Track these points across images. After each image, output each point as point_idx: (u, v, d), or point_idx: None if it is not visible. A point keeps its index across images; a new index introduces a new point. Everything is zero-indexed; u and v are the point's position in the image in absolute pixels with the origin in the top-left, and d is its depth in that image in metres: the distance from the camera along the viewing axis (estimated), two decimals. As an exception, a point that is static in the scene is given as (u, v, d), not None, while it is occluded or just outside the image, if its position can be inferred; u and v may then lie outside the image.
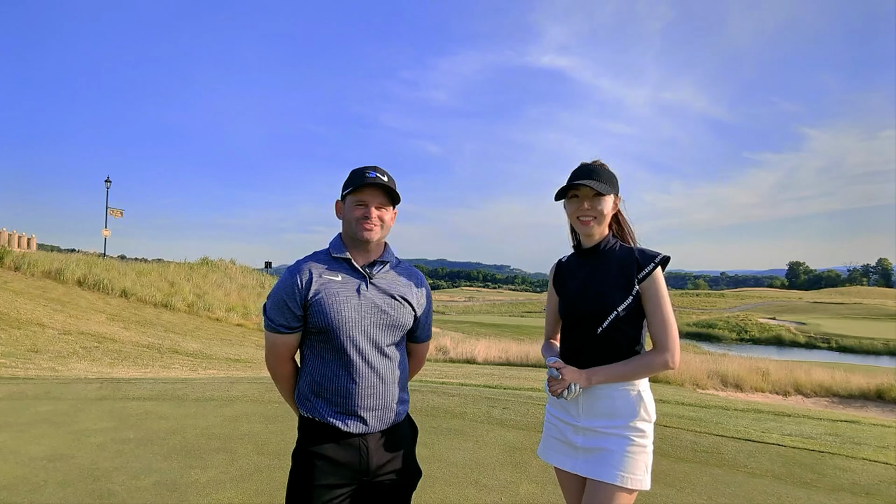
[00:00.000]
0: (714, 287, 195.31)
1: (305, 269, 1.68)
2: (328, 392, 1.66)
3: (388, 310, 1.70)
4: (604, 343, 1.74)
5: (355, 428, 1.65)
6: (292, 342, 1.71)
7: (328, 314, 1.63)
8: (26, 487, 3.28)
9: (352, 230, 1.70)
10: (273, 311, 1.68)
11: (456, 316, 63.84)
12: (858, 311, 66.08)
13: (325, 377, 1.67)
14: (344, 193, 1.73)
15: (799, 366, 18.87)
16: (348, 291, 1.67)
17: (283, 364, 1.74)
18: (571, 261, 1.93)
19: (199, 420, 4.81)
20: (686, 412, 6.18)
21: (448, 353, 19.86)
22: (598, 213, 1.77)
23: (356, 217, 1.68)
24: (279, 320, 1.67)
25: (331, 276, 1.68)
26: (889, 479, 3.76)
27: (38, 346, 10.92)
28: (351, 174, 1.74)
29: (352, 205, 1.70)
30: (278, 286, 1.69)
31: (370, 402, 1.66)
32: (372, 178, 1.68)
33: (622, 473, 1.66)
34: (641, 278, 1.72)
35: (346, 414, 1.65)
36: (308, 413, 1.69)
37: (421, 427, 4.76)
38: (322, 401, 1.67)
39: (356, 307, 1.66)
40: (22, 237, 26.77)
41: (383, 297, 1.71)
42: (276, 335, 1.69)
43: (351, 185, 1.70)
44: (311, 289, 1.64)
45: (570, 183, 1.78)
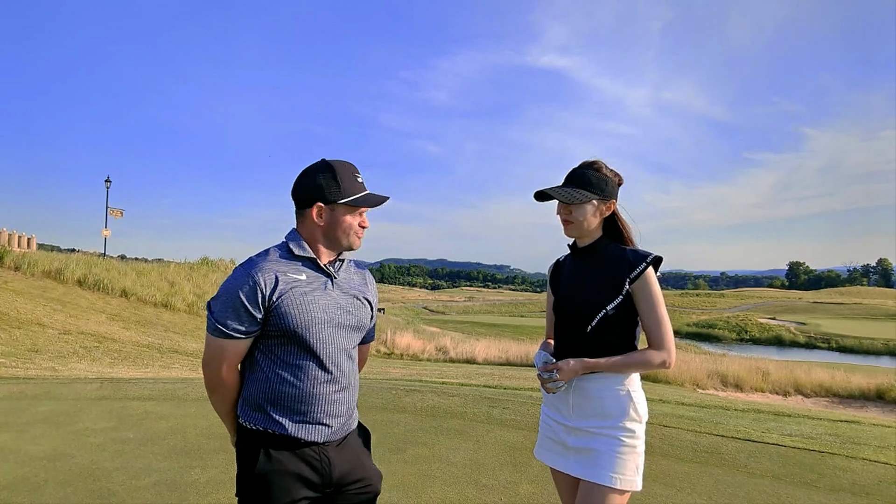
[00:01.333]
0: (714, 287, 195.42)
1: (267, 267, 1.52)
2: (289, 399, 1.52)
3: (352, 310, 1.62)
4: (593, 342, 1.74)
5: (318, 436, 1.53)
6: (243, 348, 1.55)
7: (296, 316, 1.50)
8: (26, 487, 3.28)
9: (348, 240, 1.60)
10: (225, 314, 1.49)
11: (456, 316, 63.84)
12: (858, 311, 66.09)
13: (285, 384, 1.52)
14: (340, 202, 1.56)
15: (799, 366, 18.88)
16: (314, 291, 1.55)
17: (228, 373, 1.57)
18: (568, 260, 1.95)
19: (199, 420, 4.81)
20: (686, 412, 6.18)
21: (448, 353, 19.88)
22: (574, 219, 1.79)
23: (354, 229, 1.59)
24: (233, 325, 1.49)
25: (295, 275, 1.54)
26: (889, 480, 3.76)
27: (38, 346, 10.92)
28: (338, 177, 1.56)
29: (349, 215, 1.58)
30: (232, 285, 1.49)
31: (336, 409, 1.56)
32: (362, 185, 1.61)
33: (612, 474, 1.66)
34: (633, 278, 1.72)
35: (309, 422, 1.52)
36: (259, 425, 1.53)
37: (421, 427, 4.80)
38: (279, 409, 1.52)
39: (324, 308, 1.55)
40: (22, 237, 26.78)
41: (347, 298, 1.61)
42: (226, 341, 1.51)
43: (349, 196, 1.57)
44: (276, 289, 1.49)
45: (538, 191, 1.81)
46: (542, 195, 1.82)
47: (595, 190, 1.78)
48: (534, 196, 1.83)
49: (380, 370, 12.22)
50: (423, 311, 69.43)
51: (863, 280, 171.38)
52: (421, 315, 60.04)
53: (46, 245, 33.84)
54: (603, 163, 1.84)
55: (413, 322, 43.15)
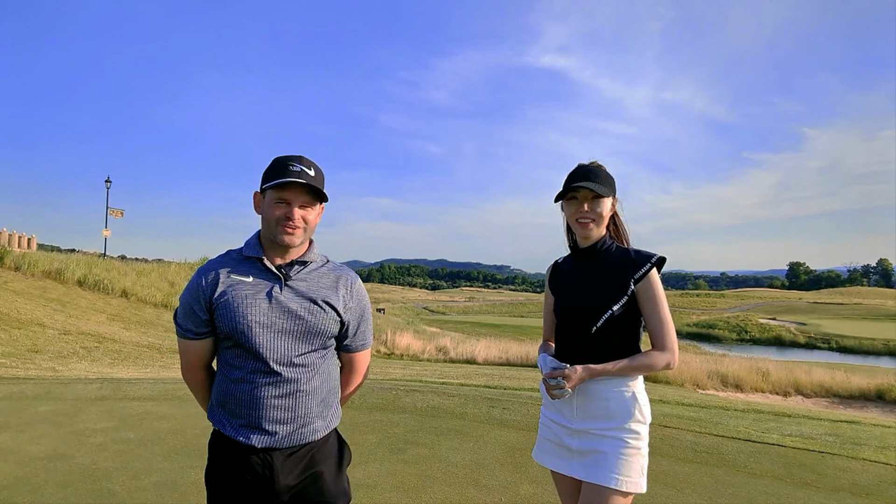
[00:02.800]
0: (714, 287, 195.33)
1: (213, 269, 1.53)
2: (234, 402, 1.52)
3: (305, 315, 1.53)
4: (598, 343, 1.73)
5: (258, 442, 1.49)
6: (202, 349, 1.57)
7: (233, 318, 1.48)
8: (26, 487, 3.28)
9: (271, 231, 1.52)
10: (181, 314, 1.55)
11: (456, 316, 63.85)
12: (858, 311, 66.06)
13: (231, 386, 1.52)
14: (264, 187, 1.53)
15: (799, 366, 18.87)
16: (258, 294, 1.51)
17: (194, 372, 1.61)
18: (567, 261, 1.93)
19: (199, 420, 4.80)
20: (686, 412, 6.17)
21: (448, 353, 19.87)
22: (596, 215, 1.77)
23: (276, 217, 1.50)
24: (186, 325, 1.54)
25: (240, 276, 1.52)
26: (889, 480, 3.75)
27: (39, 346, 10.92)
28: (272, 165, 1.53)
29: (272, 202, 1.51)
30: (186, 288, 1.55)
31: (277, 415, 1.50)
32: (296, 173, 1.48)
33: (617, 476, 1.65)
34: (637, 279, 1.72)
35: (249, 426, 1.50)
36: (215, 425, 1.56)
37: (421, 427, 4.80)
38: (226, 412, 1.53)
39: (265, 311, 1.50)
40: (22, 237, 26.77)
41: (300, 301, 1.53)
42: (186, 341, 1.56)
43: (271, 180, 1.50)
44: (216, 290, 1.50)
45: (568, 185, 1.78)
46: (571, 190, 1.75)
47: (612, 185, 1.80)
48: (558, 195, 1.79)
49: (380, 370, 12.22)
50: (423, 311, 69.43)
51: (863, 280, 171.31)
52: (421, 315, 60.04)
53: (46, 245, 33.83)
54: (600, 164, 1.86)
55: (413, 322, 43.14)
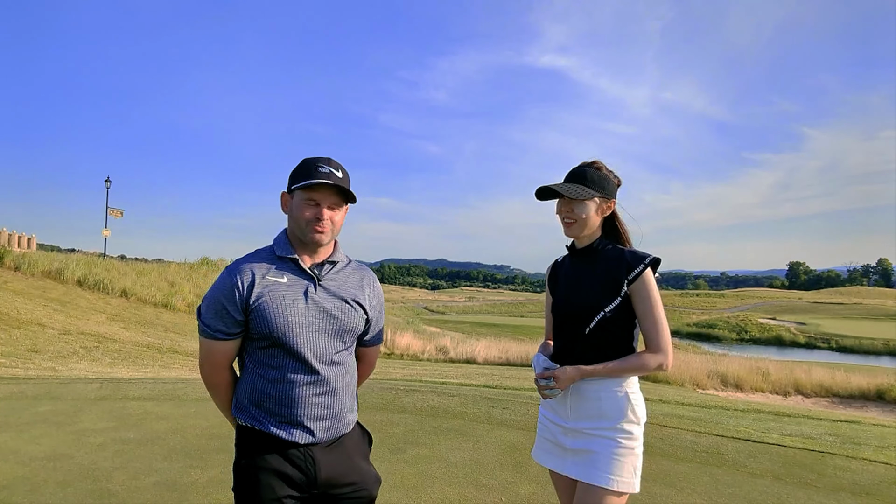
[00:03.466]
0: (714, 287, 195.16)
1: (247, 269, 1.53)
2: (271, 402, 1.54)
3: (338, 314, 1.58)
4: (592, 343, 1.74)
5: (300, 438, 1.53)
6: (230, 349, 1.58)
7: (272, 319, 1.50)
8: (26, 487, 3.28)
9: (301, 231, 1.56)
10: (209, 315, 1.53)
11: (456, 316, 63.83)
12: (858, 311, 66.05)
13: (267, 386, 1.54)
14: (292, 187, 1.56)
15: (799, 366, 18.86)
16: (295, 295, 1.53)
17: (219, 373, 1.61)
18: (566, 261, 1.94)
19: (199, 420, 4.81)
20: (686, 412, 6.17)
21: (448, 353, 19.86)
22: (577, 216, 1.77)
23: (306, 218, 1.54)
24: (216, 325, 1.53)
25: (275, 277, 1.54)
26: (889, 480, 3.76)
27: (38, 346, 10.92)
28: (301, 166, 1.56)
29: (301, 202, 1.54)
30: (215, 288, 1.53)
31: (317, 412, 1.55)
32: (325, 175, 1.52)
33: (609, 476, 1.66)
34: (631, 279, 1.72)
35: (290, 424, 1.53)
36: (248, 422, 1.57)
37: (421, 427, 4.80)
38: (263, 411, 1.55)
39: (303, 312, 1.53)
40: (22, 237, 26.76)
41: (333, 301, 1.58)
42: (213, 342, 1.55)
43: (301, 181, 1.53)
44: (253, 291, 1.50)
45: (541, 187, 1.80)
46: (545, 192, 1.80)
47: (596, 188, 1.78)
48: (535, 193, 1.82)
49: (380, 370, 12.22)
50: (423, 311, 69.40)
51: (863, 280, 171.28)
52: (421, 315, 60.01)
53: (46, 245, 33.83)
54: (603, 163, 1.84)
55: (413, 322, 43.13)
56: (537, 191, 1.81)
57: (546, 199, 1.83)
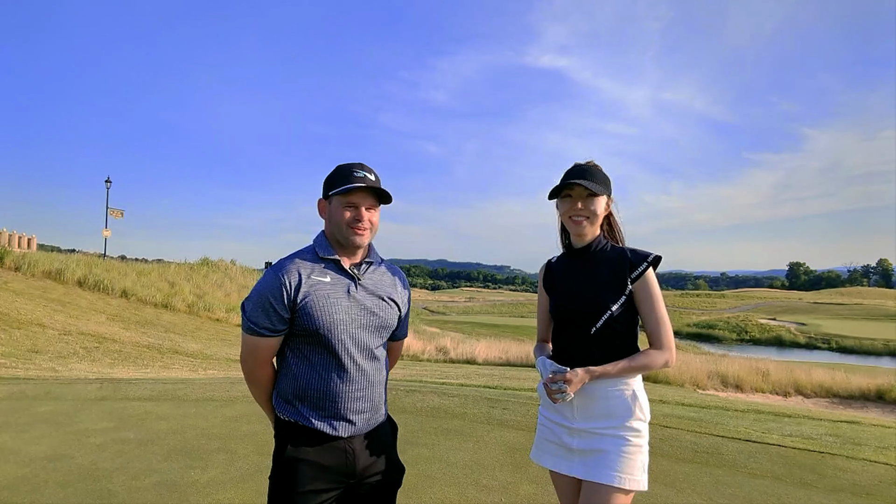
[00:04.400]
0: (714, 287, 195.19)
1: (293, 269, 1.60)
2: (315, 396, 1.60)
3: (377, 311, 1.68)
4: (597, 343, 1.74)
5: (343, 431, 1.61)
6: (274, 345, 1.64)
7: (318, 317, 1.57)
8: (26, 487, 3.28)
9: (342, 234, 1.63)
10: (255, 312, 1.59)
11: (456, 316, 63.82)
12: (858, 311, 66.02)
13: (311, 380, 1.61)
14: (330, 193, 1.65)
15: (799, 366, 18.86)
16: (338, 293, 1.61)
17: (262, 367, 1.67)
18: (562, 261, 1.93)
19: (199, 420, 4.81)
20: (686, 413, 6.17)
21: (448, 353, 19.86)
22: (590, 213, 1.77)
23: (347, 221, 1.62)
24: (263, 322, 1.59)
25: (320, 277, 1.61)
26: (889, 480, 3.76)
27: (39, 347, 10.92)
28: (337, 173, 1.65)
29: (340, 207, 1.62)
30: (262, 286, 1.60)
31: (359, 405, 1.63)
32: (360, 179, 1.61)
33: (619, 474, 1.66)
34: (634, 278, 1.72)
35: (334, 417, 1.61)
36: (290, 417, 1.62)
37: (421, 427, 4.80)
38: (306, 405, 1.61)
39: (346, 309, 1.61)
40: (22, 237, 26.78)
41: (372, 299, 1.67)
42: (259, 338, 1.61)
43: (339, 186, 1.62)
44: (300, 290, 1.57)
45: (563, 182, 1.79)
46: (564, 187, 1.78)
47: (607, 184, 1.81)
48: (553, 190, 1.81)
49: (380, 370, 12.22)
50: (424, 311, 69.38)
51: (863, 280, 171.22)
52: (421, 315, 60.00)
53: (46, 245, 33.83)
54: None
55: (413, 322, 43.11)
56: (556, 188, 1.79)
57: (557, 197, 1.83)
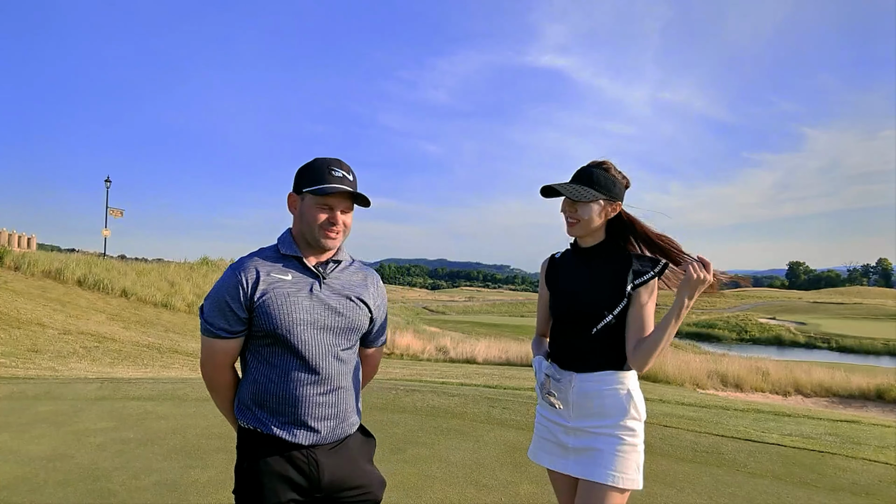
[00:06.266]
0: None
1: (251, 266, 1.51)
2: (274, 401, 1.51)
3: (343, 311, 1.57)
4: (596, 345, 1.74)
5: (304, 439, 1.51)
6: (233, 348, 1.55)
7: (277, 317, 1.48)
8: (26, 487, 3.28)
9: (313, 235, 1.54)
10: (212, 313, 1.51)
11: (456, 316, 63.80)
12: (858, 311, 66.02)
13: (271, 385, 1.51)
14: (304, 190, 1.54)
15: (799, 366, 18.86)
16: (299, 292, 1.52)
17: (221, 372, 1.58)
18: (566, 257, 1.92)
19: (199, 420, 4.81)
20: (686, 412, 6.17)
21: (448, 353, 19.86)
22: (579, 217, 1.77)
23: (320, 223, 1.52)
24: (219, 324, 1.50)
25: (280, 275, 1.52)
26: (889, 480, 3.76)
27: (38, 346, 10.92)
28: (312, 168, 1.54)
29: (314, 206, 1.52)
30: (219, 285, 1.52)
31: (322, 412, 1.53)
32: (339, 180, 1.51)
33: (614, 473, 1.66)
34: (637, 284, 1.73)
35: (294, 424, 1.51)
36: (250, 424, 1.54)
37: (421, 427, 4.80)
38: (266, 411, 1.52)
39: (308, 309, 1.52)
40: (22, 237, 26.77)
41: (338, 299, 1.57)
42: (216, 340, 1.52)
43: (314, 184, 1.51)
44: (257, 289, 1.49)
45: (546, 186, 1.79)
46: (549, 191, 1.79)
47: (602, 190, 1.76)
48: (540, 191, 1.81)
49: (380, 370, 12.21)
50: (423, 311, 69.35)
51: (863, 280, 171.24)
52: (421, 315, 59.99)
53: (46, 245, 33.85)
54: (612, 164, 1.82)
55: (413, 322, 43.11)
56: (542, 189, 1.80)
57: (550, 197, 1.82)
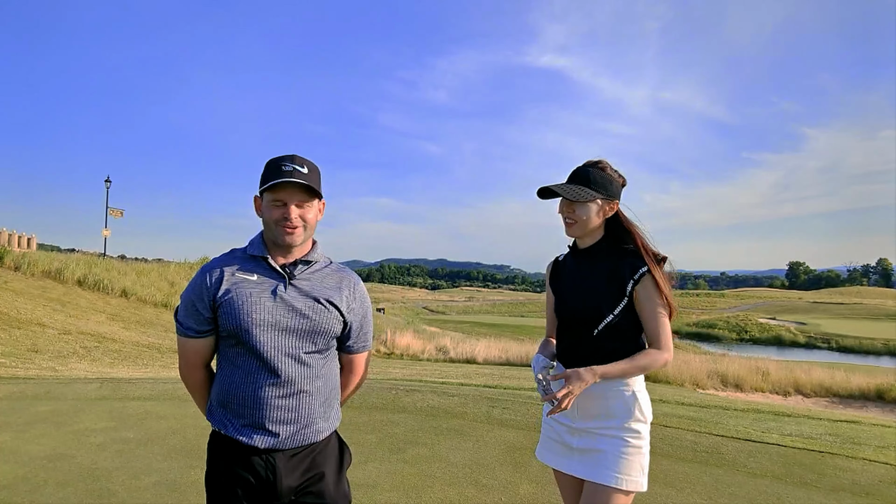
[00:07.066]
0: (714, 287, 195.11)
1: (218, 267, 1.53)
2: (236, 402, 1.51)
3: (309, 314, 1.53)
4: (600, 345, 1.74)
5: (261, 443, 1.49)
6: (202, 348, 1.57)
7: (238, 316, 1.48)
8: (26, 487, 3.28)
9: (272, 233, 1.53)
10: (183, 313, 1.54)
11: (456, 316, 63.80)
12: (858, 311, 66.03)
13: (233, 385, 1.52)
14: (260, 189, 1.53)
15: (799, 366, 18.86)
16: (262, 292, 1.51)
17: (193, 372, 1.60)
18: (568, 259, 1.92)
19: (199, 420, 4.80)
20: (686, 412, 6.17)
21: (448, 353, 19.87)
22: (577, 217, 1.77)
23: (275, 219, 1.51)
24: (187, 323, 1.53)
25: (245, 275, 1.53)
26: (889, 480, 3.76)
27: (38, 346, 10.92)
28: (265, 167, 1.53)
29: (269, 204, 1.52)
30: (189, 286, 1.54)
31: (280, 415, 1.50)
32: (288, 173, 1.48)
33: (617, 475, 1.66)
34: (635, 281, 1.71)
35: (253, 427, 1.49)
36: (215, 425, 1.55)
37: (421, 427, 4.79)
38: (229, 412, 1.52)
39: (269, 310, 1.50)
40: (22, 237, 26.77)
41: (304, 300, 1.54)
42: (187, 340, 1.56)
43: (265, 182, 1.50)
44: (220, 288, 1.50)
45: (542, 187, 1.79)
46: (546, 192, 1.79)
47: (599, 189, 1.76)
48: (537, 193, 1.81)
49: (380, 370, 12.22)
50: (423, 311, 69.41)
51: (863, 280, 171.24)
52: (421, 315, 60.02)
53: (46, 245, 33.82)
54: (608, 163, 1.82)
55: (413, 322, 43.14)
56: (539, 190, 1.81)
57: (548, 198, 1.82)
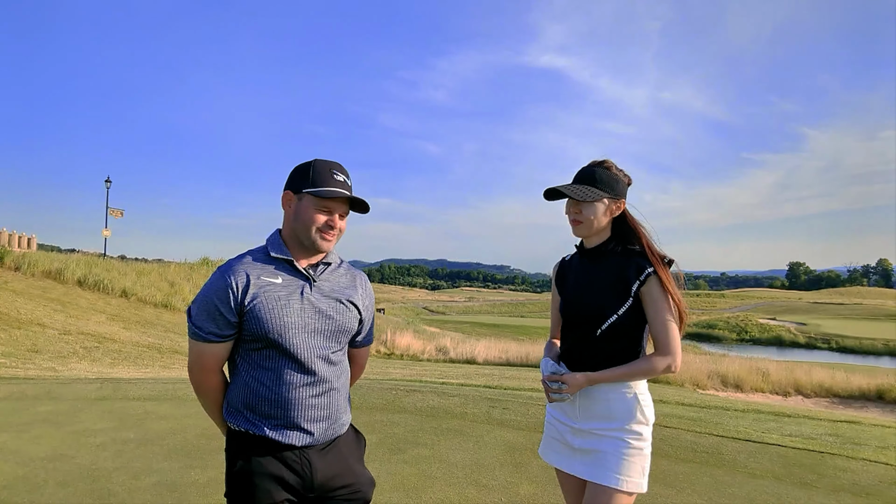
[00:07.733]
0: (714, 287, 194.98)
1: (241, 270, 1.51)
2: (266, 404, 1.51)
3: (334, 314, 1.58)
4: (602, 345, 1.73)
5: (297, 440, 1.52)
6: (222, 352, 1.55)
7: (268, 321, 1.48)
8: (26, 487, 3.28)
9: (308, 237, 1.54)
10: (201, 317, 1.50)
11: (456, 316, 63.80)
12: (858, 311, 66.01)
13: (262, 388, 1.52)
14: (304, 191, 1.53)
15: (799, 366, 18.84)
16: (290, 295, 1.52)
17: (209, 377, 1.58)
18: (574, 260, 1.92)
19: (199, 420, 4.80)
20: (686, 412, 6.18)
21: (448, 353, 19.88)
22: (584, 217, 1.76)
23: (318, 225, 1.53)
24: (209, 328, 1.49)
25: (270, 278, 1.52)
26: (889, 480, 3.76)
27: (39, 346, 10.92)
28: (313, 169, 1.54)
29: (313, 207, 1.52)
30: (208, 289, 1.51)
31: (314, 414, 1.54)
32: (341, 184, 1.53)
33: (618, 476, 1.66)
34: (643, 280, 1.71)
35: (287, 426, 1.52)
36: (241, 426, 1.54)
37: (421, 427, 4.80)
38: (257, 414, 1.52)
39: (298, 312, 1.52)
40: (22, 237, 26.76)
41: (328, 301, 1.57)
42: (205, 344, 1.51)
43: (316, 185, 1.52)
44: (248, 293, 1.48)
45: (549, 188, 1.79)
46: (553, 193, 1.79)
47: (606, 188, 1.76)
48: (543, 195, 1.81)
49: (380, 370, 12.22)
50: (423, 311, 69.38)
51: (863, 280, 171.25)
52: (421, 315, 60.01)
53: (46, 245, 33.80)
54: (613, 162, 1.82)
55: (413, 322, 43.13)
56: (545, 192, 1.80)
57: (554, 200, 1.82)
